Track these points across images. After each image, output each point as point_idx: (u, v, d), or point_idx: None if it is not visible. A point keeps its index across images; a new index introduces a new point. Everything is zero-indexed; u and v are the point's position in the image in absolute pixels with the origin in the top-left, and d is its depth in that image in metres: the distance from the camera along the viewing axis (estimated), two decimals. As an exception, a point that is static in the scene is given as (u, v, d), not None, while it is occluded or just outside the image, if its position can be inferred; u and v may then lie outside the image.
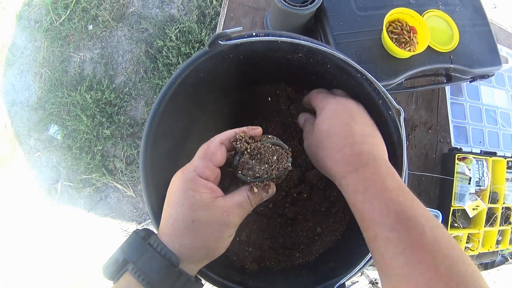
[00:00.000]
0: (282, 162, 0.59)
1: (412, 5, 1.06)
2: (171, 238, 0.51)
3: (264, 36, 0.69)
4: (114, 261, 0.51)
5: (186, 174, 0.54)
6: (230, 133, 0.58)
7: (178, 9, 2.59)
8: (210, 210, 0.52)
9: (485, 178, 1.24)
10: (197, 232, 0.51)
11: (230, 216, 0.54)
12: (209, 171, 0.54)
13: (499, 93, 1.44)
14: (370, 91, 0.73)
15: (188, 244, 0.51)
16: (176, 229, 0.51)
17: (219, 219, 0.52)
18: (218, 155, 0.55)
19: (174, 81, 0.70)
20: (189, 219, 0.51)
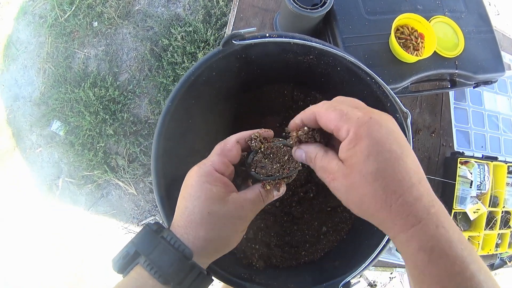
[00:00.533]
0: (293, 162, 0.60)
1: (420, 11, 1.07)
2: (186, 230, 0.52)
3: (277, 38, 0.71)
4: (125, 254, 0.51)
5: (202, 168, 0.55)
6: (245, 134, 0.59)
7: (184, 8, 2.60)
8: (226, 204, 0.53)
9: (486, 182, 1.25)
10: (212, 224, 0.52)
11: (244, 210, 0.55)
12: (224, 167, 0.56)
13: (501, 99, 1.46)
14: (379, 94, 0.75)
15: (203, 236, 0.52)
16: (192, 220, 0.52)
17: (234, 213, 0.53)
18: (234, 151, 0.57)
19: (188, 79, 0.72)
20: (206, 211, 0.51)
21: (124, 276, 0.51)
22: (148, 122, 2.49)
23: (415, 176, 0.45)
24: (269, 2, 1.23)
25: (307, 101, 0.96)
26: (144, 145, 2.44)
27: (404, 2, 1.07)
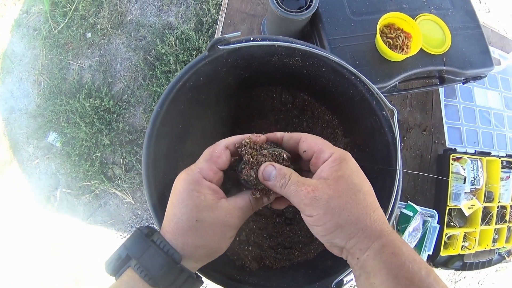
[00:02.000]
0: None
1: (405, 10, 1.09)
2: (174, 236, 0.52)
3: (261, 41, 0.72)
4: (117, 257, 0.52)
5: (190, 175, 0.55)
6: (235, 139, 0.59)
7: (176, 17, 2.61)
8: (214, 211, 0.53)
9: (480, 178, 1.26)
10: (200, 231, 0.52)
11: (233, 218, 0.55)
12: (213, 173, 0.56)
13: (492, 95, 1.47)
14: (364, 92, 0.75)
15: (191, 243, 0.52)
16: (179, 228, 0.52)
17: (222, 220, 0.54)
18: (223, 158, 0.57)
19: (175, 84, 0.73)
20: (193, 218, 0.52)
21: (117, 278, 0.52)
22: (143, 131, 2.49)
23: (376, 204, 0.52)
24: (256, 8, 1.24)
25: (296, 103, 0.97)
26: (140, 154, 2.45)
27: (389, 2, 1.08)
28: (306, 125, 0.99)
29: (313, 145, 0.56)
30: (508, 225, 1.34)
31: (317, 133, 0.98)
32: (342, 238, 0.50)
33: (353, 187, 0.50)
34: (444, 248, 1.23)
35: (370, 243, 0.48)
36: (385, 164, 0.76)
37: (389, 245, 0.47)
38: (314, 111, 0.97)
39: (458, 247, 1.23)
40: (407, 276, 0.45)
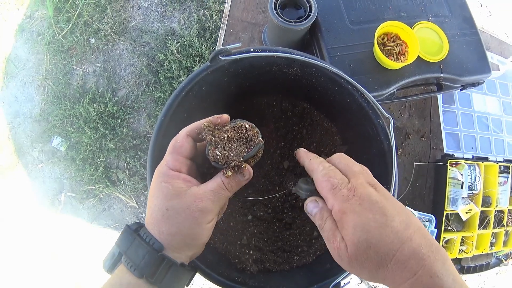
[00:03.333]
0: (252, 140, 0.59)
1: (403, 18, 1.10)
2: (152, 226, 0.54)
3: (261, 52, 0.74)
4: (111, 256, 0.55)
5: (159, 169, 0.56)
6: (195, 125, 0.59)
7: (179, 23, 2.64)
8: (183, 198, 0.54)
9: (477, 183, 1.27)
10: (171, 219, 0.53)
11: (203, 202, 0.54)
12: (179, 164, 0.56)
13: (490, 100, 1.48)
14: (361, 101, 0.78)
15: (165, 231, 0.53)
16: (154, 218, 0.54)
17: (191, 206, 0.53)
18: (186, 146, 0.57)
19: (179, 94, 0.75)
20: (164, 208, 0.53)
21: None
22: (147, 136, 2.52)
23: (405, 234, 0.49)
24: (257, 17, 1.27)
25: (296, 111, 1.00)
26: (144, 159, 2.47)
27: (387, 10, 1.10)
28: (306, 133, 1.01)
29: (321, 190, 0.55)
30: (505, 229, 1.36)
31: (317, 140, 1.00)
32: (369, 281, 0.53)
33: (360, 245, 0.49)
34: (442, 252, 1.24)
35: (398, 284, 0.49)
36: (381, 171, 0.78)
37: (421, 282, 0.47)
38: (313, 119, 0.99)
39: (455, 251, 1.25)
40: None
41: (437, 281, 0.47)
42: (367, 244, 0.49)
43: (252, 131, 0.59)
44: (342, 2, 1.07)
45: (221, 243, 0.88)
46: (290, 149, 1.02)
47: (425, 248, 0.48)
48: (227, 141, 0.57)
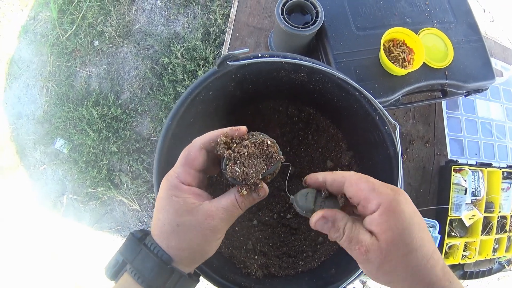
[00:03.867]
0: (273, 157, 0.56)
1: (409, 24, 1.11)
2: (160, 239, 0.53)
3: (269, 57, 0.75)
4: (115, 263, 0.54)
5: (169, 180, 0.54)
6: (210, 136, 0.56)
7: (183, 27, 2.64)
8: (194, 215, 0.52)
9: (481, 189, 1.27)
10: (181, 235, 0.52)
11: (215, 220, 0.53)
12: (190, 177, 0.54)
13: (494, 106, 1.48)
14: (368, 108, 0.78)
15: (174, 246, 0.52)
16: (163, 232, 0.53)
17: (202, 224, 0.52)
18: (199, 160, 0.55)
19: (186, 98, 0.76)
20: (174, 223, 0.52)
21: (115, 283, 0.54)
22: (150, 139, 2.52)
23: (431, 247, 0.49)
24: (263, 21, 1.27)
25: (302, 116, 1.00)
26: (147, 162, 2.47)
27: (393, 16, 1.10)
28: (311, 138, 1.01)
29: (358, 192, 0.51)
30: (508, 234, 1.35)
31: (322, 145, 1.01)
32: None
33: (404, 248, 0.47)
34: (445, 257, 1.24)
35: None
36: (387, 177, 0.78)
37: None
38: (319, 125, 1.00)
39: (458, 257, 1.25)
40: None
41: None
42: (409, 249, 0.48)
43: (273, 147, 0.56)
44: (349, 8, 1.08)
45: (227, 247, 0.88)
46: (296, 154, 1.03)
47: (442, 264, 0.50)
48: (247, 157, 0.54)
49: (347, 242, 0.50)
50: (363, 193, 0.50)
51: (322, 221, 0.53)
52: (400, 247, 0.47)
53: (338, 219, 0.52)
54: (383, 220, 0.48)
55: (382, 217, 0.48)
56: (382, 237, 0.48)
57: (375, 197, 0.49)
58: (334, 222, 0.52)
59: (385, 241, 0.48)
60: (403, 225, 0.48)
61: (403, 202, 0.49)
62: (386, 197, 0.49)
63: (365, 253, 0.48)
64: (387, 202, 0.48)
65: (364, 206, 0.51)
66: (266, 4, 1.29)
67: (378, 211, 0.48)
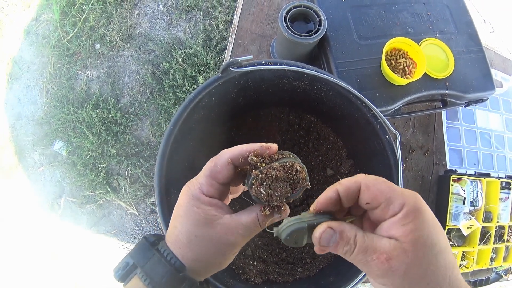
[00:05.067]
0: (299, 182, 0.54)
1: (410, 34, 1.11)
2: (174, 247, 0.52)
3: (272, 65, 0.75)
4: (124, 265, 0.53)
5: (191, 190, 0.53)
6: (240, 151, 0.54)
7: (184, 32, 2.65)
8: (214, 228, 0.51)
9: (479, 198, 1.28)
10: (198, 247, 0.51)
11: (234, 236, 0.52)
12: (213, 189, 0.53)
13: (493, 117, 1.49)
14: (369, 117, 0.79)
15: (190, 257, 0.52)
16: (179, 240, 0.52)
17: (221, 238, 0.51)
18: (224, 173, 0.53)
19: (189, 104, 0.76)
20: (192, 234, 0.51)
21: (124, 285, 0.53)
22: (149, 144, 2.52)
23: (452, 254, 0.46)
24: (266, 29, 1.28)
25: (303, 124, 1.01)
26: (145, 166, 2.47)
27: (395, 26, 1.11)
28: (312, 146, 1.02)
29: (378, 195, 0.46)
30: (506, 244, 1.36)
31: (322, 153, 1.01)
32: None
33: (432, 248, 0.43)
34: (443, 267, 1.25)
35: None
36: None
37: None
38: (320, 133, 1.00)
39: (456, 267, 1.25)
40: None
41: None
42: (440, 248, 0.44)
43: (302, 173, 0.53)
44: (351, 17, 1.08)
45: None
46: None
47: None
48: (274, 179, 0.52)
49: (361, 253, 0.44)
50: (384, 195, 0.45)
51: (329, 233, 0.46)
52: (430, 247, 0.43)
53: (346, 229, 0.46)
54: (410, 220, 0.43)
55: (409, 217, 0.44)
56: (408, 238, 0.43)
57: (398, 197, 0.45)
58: (342, 233, 0.46)
59: (412, 242, 0.43)
60: (430, 224, 0.44)
61: (423, 202, 0.45)
62: (410, 197, 0.45)
63: (387, 261, 0.43)
64: (412, 202, 0.44)
65: (384, 209, 0.46)
66: (269, 12, 1.30)
67: (403, 211, 0.44)
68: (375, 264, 0.43)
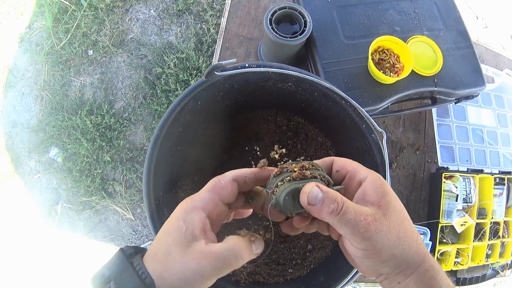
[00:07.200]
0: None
1: (398, 32, 1.11)
2: (150, 261, 0.50)
3: (256, 67, 0.75)
4: (101, 275, 0.51)
5: (189, 203, 0.52)
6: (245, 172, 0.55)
7: (176, 37, 2.66)
8: (187, 252, 0.48)
9: (472, 195, 1.28)
10: (167, 266, 0.48)
11: (201, 264, 0.47)
12: (213, 205, 0.52)
13: (485, 113, 1.49)
14: (354, 116, 0.79)
15: (159, 272, 0.49)
16: (156, 254, 0.50)
17: (188, 263, 0.48)
18: (227, 190, 0.53)
19: (174, 108, 0.76)
20: (168, 251, 0.49)
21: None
22: (143, 148, 2.52)
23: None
24: (253, 31, 1.28)
25: (290, 125, 1.01)
26: (140, 171, 2.47)
27: (382, 25, 1.11)
28: (301, 147, 1.02)
29: (346, 164, 0.53)
30: (501, 240, 1.36)
31: (311, 154, 1.01)
32: (391, 267, 0.48)
33: (399, 214, 0.48)
34: (437, 264, 1.24)
35: (415, 268, 0.47)
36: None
37: (430, 269, 0.47)
38: (308, 133, 1.00)
39: (450, 263, 1.25)
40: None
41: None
42: (405, 212, 0.49)
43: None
44: (337, 17, 1.08)
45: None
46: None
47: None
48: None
49: (351, 212, 0.46)
50: (351, 166, 0.53)
51: (316, 190, 0.48)
52: (398, 213, 0.48)
53: (331, 191, 0.48)
54: (377, 185, 0.49)
55: (375, 183, 0.49)
56: (382, 202, 0.48)
57: (363, 169, 0.52)
58: (328, 192, 0.47)
59: (385, 206, 0.47)
60: (393, 194, 0.49)
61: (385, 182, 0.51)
62: (372, 171, 0.51)
63: (373, 222, 0.45)
64: (375, 174, 0.50)
65: (351, 176, 0.52)
66: (256, 15, 1.30)
67: (369, 179, 0.50)
68: (363, 225, 0.45)
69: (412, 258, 0.47)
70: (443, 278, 0.48)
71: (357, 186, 0.51)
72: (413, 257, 0.47)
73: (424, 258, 0.48)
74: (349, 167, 0.53)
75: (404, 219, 0.48)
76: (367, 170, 0.52)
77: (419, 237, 0.49)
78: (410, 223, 0.49)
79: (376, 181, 0.49)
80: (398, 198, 0.50)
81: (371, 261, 0.48)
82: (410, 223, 0.49)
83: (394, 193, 0.50)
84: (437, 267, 0.48)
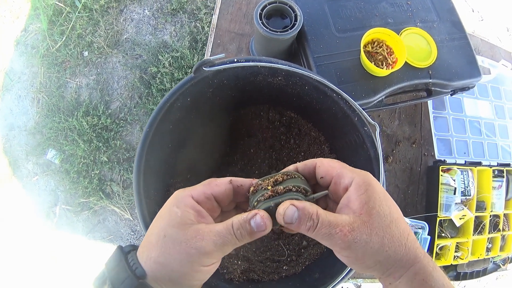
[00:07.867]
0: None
1: (390, 24, 1.10)
2: (143, 249, 0.50)
3: (244, 62, 0.74)
4: (101, 275, 0.51)
5: (181, 192, 0.52)
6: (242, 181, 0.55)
7: (170, 36, 2.66)
8: (185, 230, 0.48)
9: (470, 188, 1.26)
10: (164, 248, 0.48)
11: (204, 241, 0.47)
12: (204, 197, 0.52)
13: (482, 104, 1.48)
14: (346, 110, 0.78)
15: (153, 258, 0.48)
16: (149, 241, 0.50)
17: (190, 241, 0.47)
18: (221, 187, 0.53)
19: (163, 105, 0.75)
20: (162, 233, 0.48)
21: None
22: (140, 147, 2.51)
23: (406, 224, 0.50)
24: (244, 27, 1.27)
25: (283, 120, 1.00)
26: (137, 171, 2.46)
27: (374, 17, 1.10)
28: (294, 142, 1.01)
29: (330, 169, 0.52)
30: (502, 233, 1.35)
31: (304, 149, 1.00)
32: (379, 271, 0.49)
33: (385, 218, 0.47)
34: (436, 259, 1.23)
35: (404, 271, 0.47)
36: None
37: (421, 271, 0.47)
38: (301, 128, 0.99)
39: (450, 258, 1.24)
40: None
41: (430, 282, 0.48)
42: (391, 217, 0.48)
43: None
44: (329, 10, 1.07)
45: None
46: (278, 159, 1.02)
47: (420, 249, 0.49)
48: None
49: (325, 227, 0.46)
50: (335, 170, 0.51)
51: (292, 210, 0.48)
52: (383, 217, 0.47)
53: (307, 206, 0.48)
54: (362, 192, 0.48)
55: (360, 189, 0.48)
56: (364, 209, 0.47)
57: (348, 173, 0.50)
58: (303, 209, 0.47)
59: (367, 212, 0.47)
60: (381, 197, 0.49)
61: (373, 178, 0.50)
62: (359, 173, 0.50)
63: (350, 233, 0.46)
64: (361, 177, 0.49)
65: (336, 182, 0.51)
66: (248, 10, 1.29)
67: (353, 184, 0.49)
68: (339, 236, 0.46)
69: (400, 261, 0.47)
70: (437, 279, 0.48)
71: (343, 191, 0.51)
72: (401, 260, 0.47)
73: (415, 260, 0.48)
74: (333, 172, 0.52)
75: (390, 222, 0.48)
76: (353, 171, 0.51)
77: (410, 237, 0.49)
78: (399, 225, 0.49)
79: (360, 186, 0.49)
80: (388, 199, 0.50)
81: (357, 266, 0.49)
82: (398, 226, 0.48)
83: (382, 194, 0.49)
84: (429, 268, 0.48)
